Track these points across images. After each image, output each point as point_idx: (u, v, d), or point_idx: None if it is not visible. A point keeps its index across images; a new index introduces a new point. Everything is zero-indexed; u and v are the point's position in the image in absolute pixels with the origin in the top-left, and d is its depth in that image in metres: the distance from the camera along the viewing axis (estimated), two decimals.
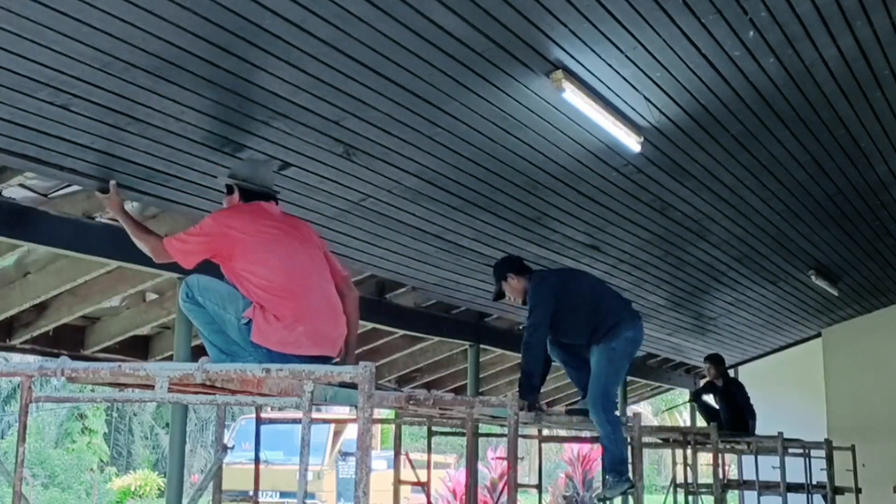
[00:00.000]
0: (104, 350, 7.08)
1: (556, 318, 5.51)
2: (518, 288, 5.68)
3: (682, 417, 27.48)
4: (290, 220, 4.33)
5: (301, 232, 4.25)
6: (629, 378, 11.69)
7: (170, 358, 6.95)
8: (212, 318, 4.00)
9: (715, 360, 9.52)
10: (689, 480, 8.79)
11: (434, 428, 7.02)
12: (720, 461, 8.38)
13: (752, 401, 9.26)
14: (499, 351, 9.60)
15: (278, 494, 14.27)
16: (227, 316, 3.95)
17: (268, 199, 4.27)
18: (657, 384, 13.43)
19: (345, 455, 15.68)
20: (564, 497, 17.28)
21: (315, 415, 3.37)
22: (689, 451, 8.39)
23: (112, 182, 4.46)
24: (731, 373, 11.80)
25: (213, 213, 4.42)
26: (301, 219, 4.56)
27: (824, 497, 9.11)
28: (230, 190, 4.29)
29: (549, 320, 5.49)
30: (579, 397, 5.87)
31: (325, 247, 4.41)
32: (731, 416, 9.04)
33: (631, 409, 12.25)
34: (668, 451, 10.42)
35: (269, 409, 9.16)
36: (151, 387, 3.19)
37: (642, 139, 5.23)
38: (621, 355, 5.56)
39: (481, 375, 9.48)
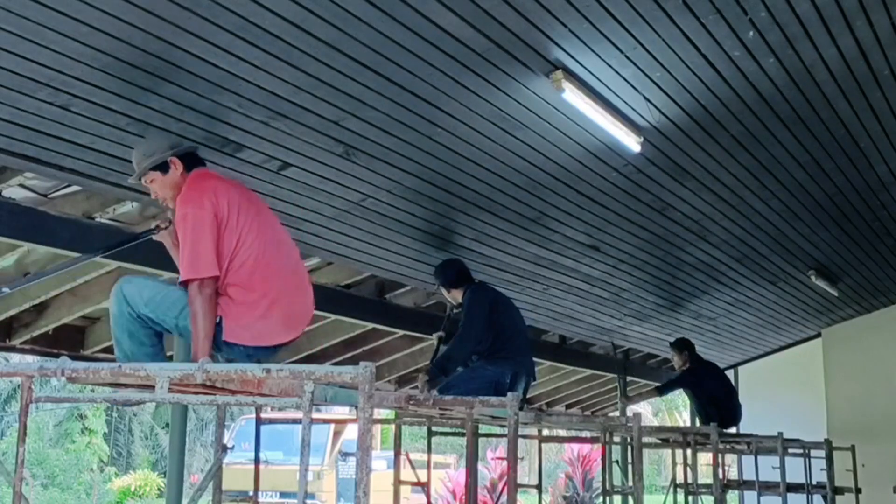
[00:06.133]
0: (104, 350, 7.06)
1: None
2: (455, 297, 5.96)
3: (682, 417, 27.50)
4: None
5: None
6: (629, 378, 11.69)
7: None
8: (161, 330, 3.78)
9: (676, 345, 8.95)
10: (689, 480, 8.79)
11: (434, 428, 7.03)
12: (720, 461, 8.38)
13: (749, 399, 9.05)
14: None
15: (278, 494, 14.28)
16: (184, 323, 3.68)
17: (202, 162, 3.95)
18: (657, 384, 13.38)
19: (345, 455, 15.68)
20: (564, 497, 17.28)
21: (315, 415, 3.37)
22: (689, 451, 8.39)
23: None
24: (731, 373, 11.80)
25: (185, 202, 3.72)
26: None
27: (824, 497, 9.10)
28: (164, 168, 3.83)
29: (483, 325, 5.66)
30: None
31: None
32: (707, 406, 8.65)
33: (631, 409, 12.22)
34: (668, 451, 10.41)
35: (269, 409, 9.15)
36: (151, 387, 3.19)
37: (642, 139, 5.23)
38: (483, 378, 5.62)
39: None
